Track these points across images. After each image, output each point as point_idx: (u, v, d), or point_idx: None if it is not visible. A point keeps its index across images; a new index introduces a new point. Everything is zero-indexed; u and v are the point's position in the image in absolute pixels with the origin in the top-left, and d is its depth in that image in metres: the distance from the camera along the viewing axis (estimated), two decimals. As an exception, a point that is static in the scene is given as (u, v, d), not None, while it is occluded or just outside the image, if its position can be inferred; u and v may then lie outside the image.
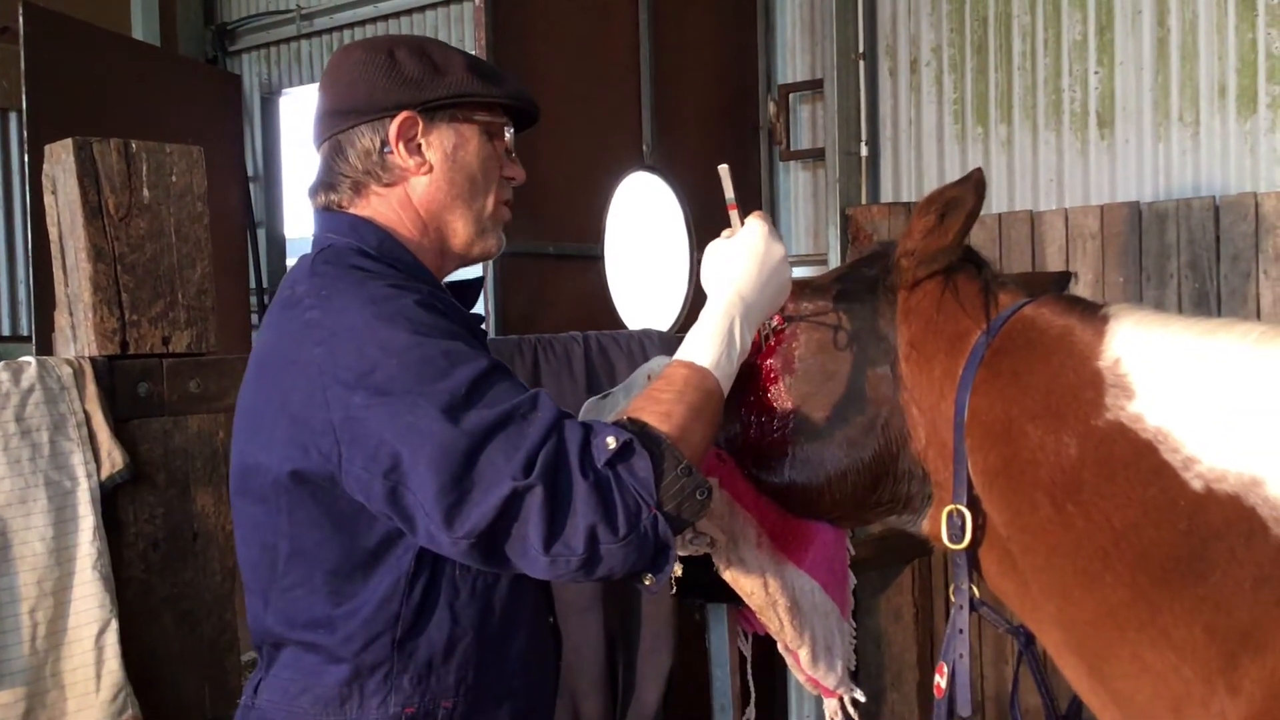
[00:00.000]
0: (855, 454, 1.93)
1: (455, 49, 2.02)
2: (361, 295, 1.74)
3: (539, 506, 1.58)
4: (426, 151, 1.92)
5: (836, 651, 2.17)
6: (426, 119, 1.91)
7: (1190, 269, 4.32)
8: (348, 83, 1.94)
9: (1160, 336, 1.68)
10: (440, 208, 1.95)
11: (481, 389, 1.65)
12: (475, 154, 1.96)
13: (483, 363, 1.68)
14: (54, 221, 2.70)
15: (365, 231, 1.90)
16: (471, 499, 1.60)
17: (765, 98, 5.38)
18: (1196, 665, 1.55)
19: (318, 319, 1.74)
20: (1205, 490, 1.57)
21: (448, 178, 1.94)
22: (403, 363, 1.64)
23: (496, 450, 1.60)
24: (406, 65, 1.93)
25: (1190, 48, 4.52)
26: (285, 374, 1.75)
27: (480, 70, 1.99)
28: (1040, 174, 4.89)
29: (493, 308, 3.87)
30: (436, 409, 1.61)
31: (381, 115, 1.90)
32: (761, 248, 1.89)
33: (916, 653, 4.78)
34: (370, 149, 1.91)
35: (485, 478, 1.59)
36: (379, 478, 1.64)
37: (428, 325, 1.70)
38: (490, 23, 3.85)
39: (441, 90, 1.92)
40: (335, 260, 1.84)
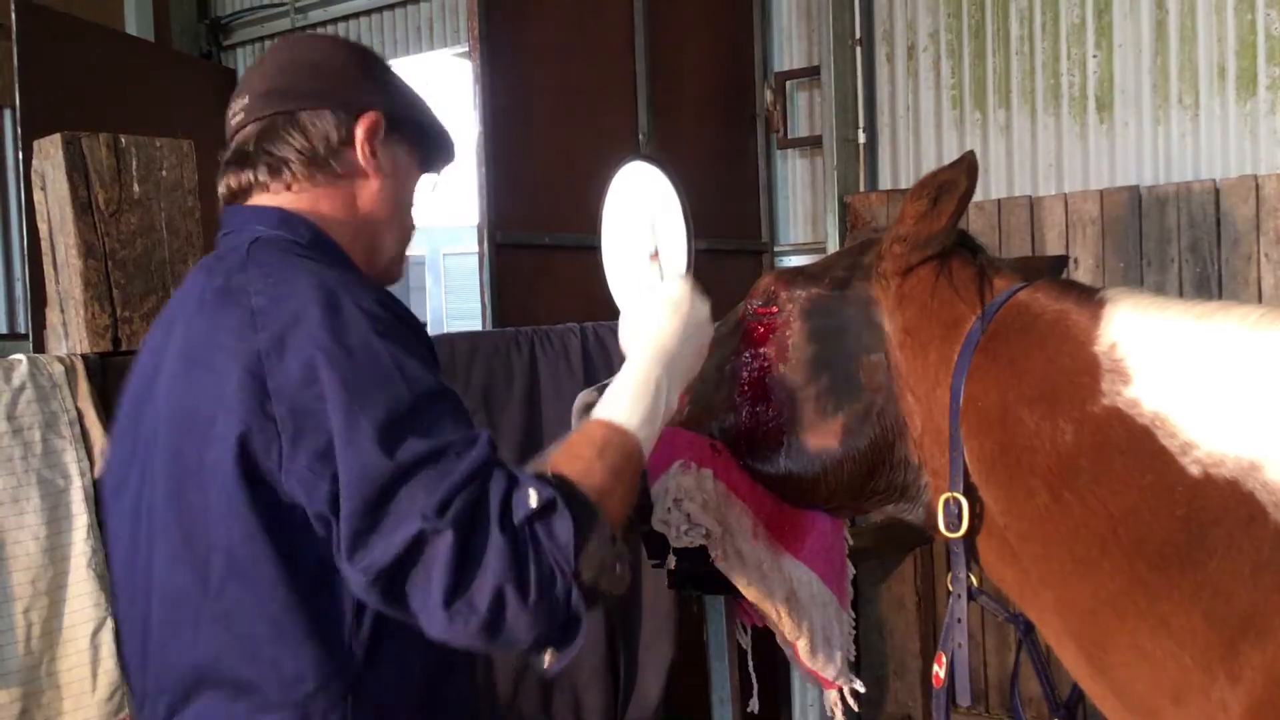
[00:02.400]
0: (851, 442, 1.92)
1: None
2: (314, 283, 1.62)
3: (446, 553, 1.46)
4: (381, 160, 1.85)
5: (835, 642, 2.15)
6: (389, 128, 1.85)
7: (1191, 253, 4.30)
8: (312, 64, 1.85)
9: (1157, 320, 1.67)
10: (378, 219, 1.87)
11: (423, 413, 1.55)
12: (409, 183, 1.92)
13: (431, 383, 1.58)
14: (44, 218, 2.69)
15: (297, 226, 1.79)
16: (380, 530, 1.49)
17: (762, 85, 5.36)
18: (1196, 653, 1.53)
19: (264, 306, 1.61)
20: (1203, 475, 1.55)
21: (392, 192, 1.88)
22: (354, 363, 1.54)
23: (419, 485, 1.49)
24: (378, 70, 1.89)
25: (1189, 30, 4.49)
26: (221, 364, 1.60)
27: (425, 107, 1.96)
28: (1039, 159, 4.86)
29: (489, 299, 3.85)
30: (373, 424, 1.51)
31: (351, 107, 1.82)
32: (686, 306, 1.86)
33: (919, 641, 4.77)
34: (330, 137, 1.81)
35: (398, 511, 1.48)
36: (326, 479, 1.51)
37: (384, 325, 1.60)
38: (484, 12, 3.83)
39: (414, 111, 1.89)
40: (274, 250, 1.73)
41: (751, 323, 2.04)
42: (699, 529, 1.96)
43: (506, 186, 3.89)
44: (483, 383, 3.37)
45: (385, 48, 6.80)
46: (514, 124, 3.95)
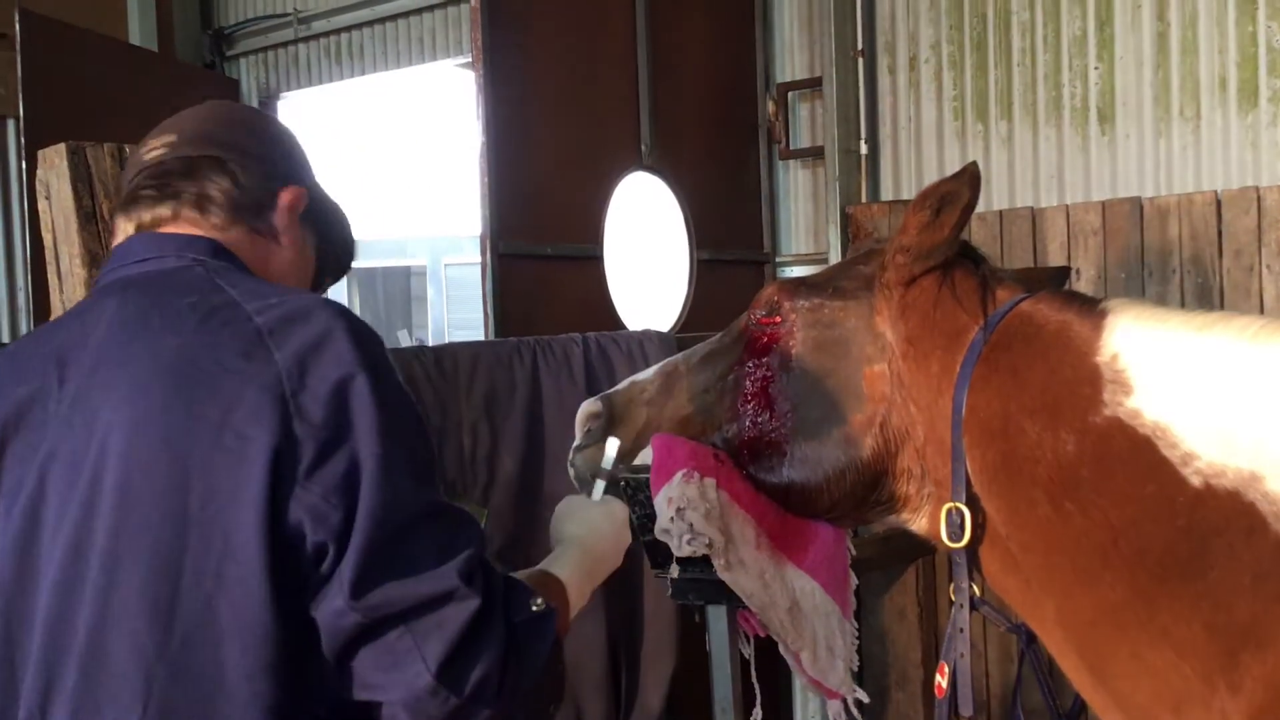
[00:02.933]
0: (853, 452, 1.92)
1: None
2: (323, 303, 1.57)
3: (463, 620, 1.42)
4: (296, 231, 1.83)
5: (838, 652, 2.16)
6: (305, 213, 1.84)
7: (1193, 264, 4.30)
8: (247, 126, 1.84)
9: (1158, 331, 1.67)
10: None
11: (430, 457, 1.55)
12: (306, 268, 1.89)
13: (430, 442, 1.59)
14: (48, 227, 2.69)
15: (234, 260, 1.72)
16: (395, 569, 1.42)
17: (764, 96, 5.36)
18: (1197, 663, 1.53)
19: (273, 325, 1.52)
20: (1204, 486, 1.56)
21: (299, 266, 1.85)
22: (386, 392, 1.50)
23: (436, 536, 1.46)
24: (306, 158, 1.90)
25: (1190, 42, 4.50)
26: (229, 387, 1.47)
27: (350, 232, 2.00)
28: (1041, 170, 4.87)
29: (491, 309, 3.85)
30: (407, 458, 1.47)
31: (278, 175, 1.81)
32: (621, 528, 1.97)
33: (921, 652, 4.76)
34: (259, 195, 1.77)
35: (418, 560, 1.43)
36: (340, 510, 1.42)
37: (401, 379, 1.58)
38: (486, 24, 3.84)
39: (330, 212, 1.91)
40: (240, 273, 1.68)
41: (754, 333, 2.05)
42: (702, 538, 1.96)
43: (509, 196, 3.90)
44: (485, 392, 3.37)
45: (388, 58, 6.82)
46: (516, 134, 3.96)
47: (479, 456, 3.32)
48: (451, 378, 3.30)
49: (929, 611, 4.74)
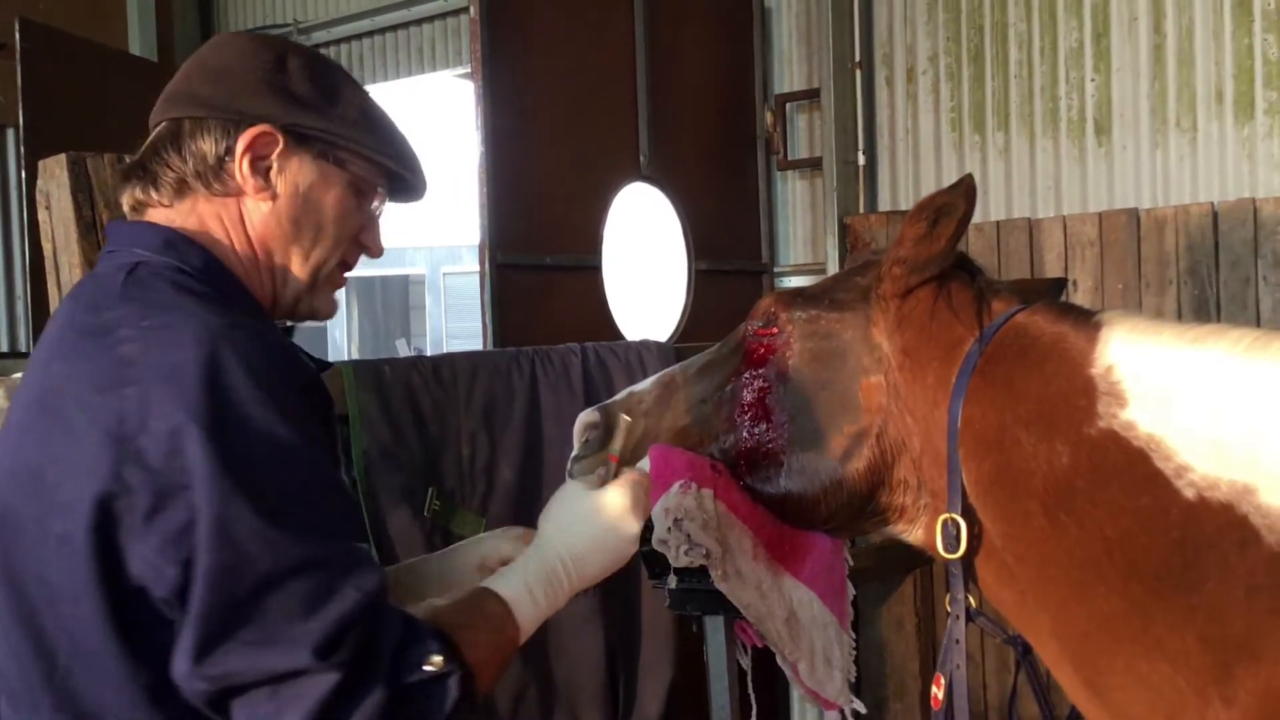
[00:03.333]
0: (850, 463, 1.92)
1: (360, 87, 1.78)
2: (196, 331, 1.42)
3: (321, 694, 1.32)
4: (275, 177, 1.65)
5: (836, 663, 2.16)
6: (292, 143, 1.65)
7: (1189, 275, 4.32)
8: (218, 70, 1.67)
9: (1153, 343, 1.68)
10: (276, 244, 1.67)
11: (311, 505, 1.40)
12: (334, 202, 1.70)
13: (324, 469, 1.43)
14: (48, 236, 2.70)
15: (187, 251, 1.60)
16: (241, 639, 1.32)
17: (762, 107, 5.38)
18: (1191, 676, 1.54)
19: (134, 355, 1.40)
20: (1198, 498, 1.56)
21: (291, 215, 1.67)
22: (232, 436, 1.36)
23: (297, 596, 1.34)
24: (294, 78, 1.67)
25: (1187, 54, 4.52)
26: (78, 422, 1.40)
27: (374, 120, 1.74)
28: (1038, 181, 4.88)
29: (490, 319, 3.86)
30: (251, 511, 1.33)
31: (238, 119, 1.63)
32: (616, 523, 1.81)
33: (919, 662, 4.76)
34: (207, 152, 1.63)
35: (269, 624, 1.32)
36: (175, 565, 1.33)
37: (275, 388, 1.42)
38: (486, 35, 3.85)
39: (322, 122, 1.67)
40: (156, 281, 1.53)
41: (751, 344, 2.05)
42: (699, 549, 1.96)
43: (508, 207, 3.91)
44: (484, 402, 3.37)
45: (388, 69, 6.83)
46: (515, 145, 3.97)
47: (477, 466, 3.33)
48: (450, 387, 3.31)
49: (926, 622, 4.74)
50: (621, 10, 4.54)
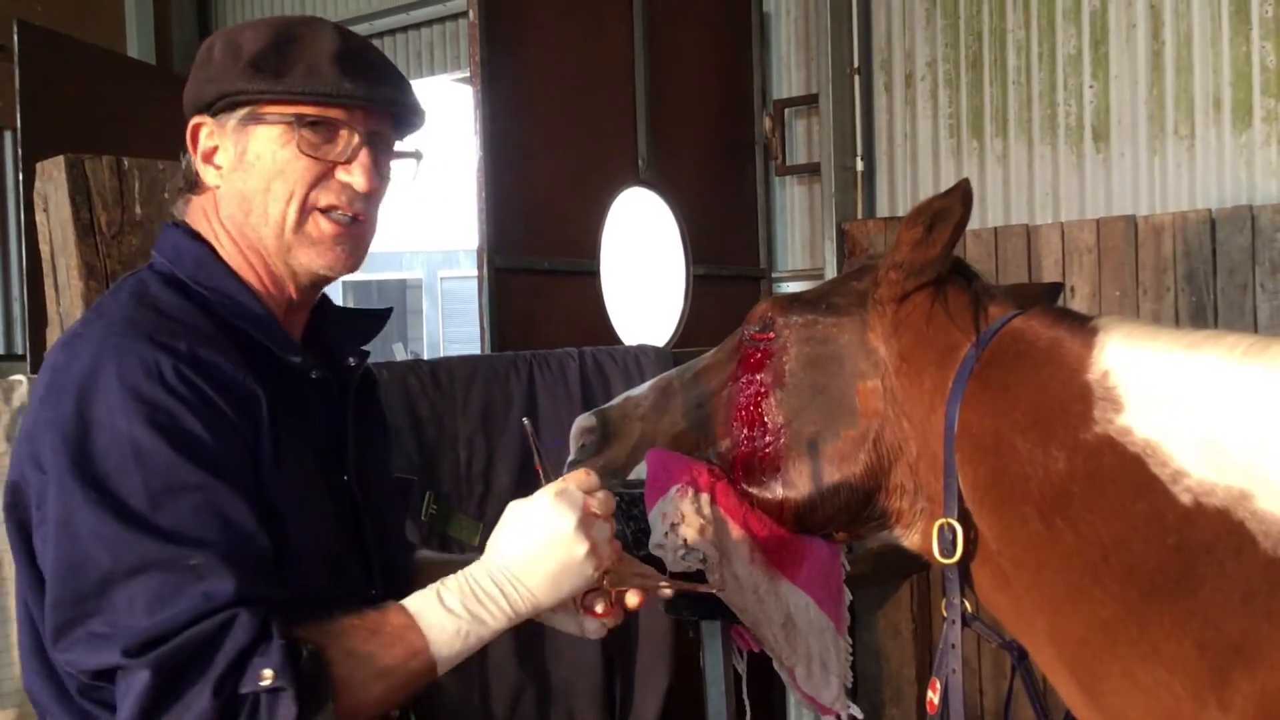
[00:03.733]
0: (847, 468, 1.92)
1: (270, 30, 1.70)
2: (95, 347, 1.51)
3: (138, 692, 1.35)
4: (217, 157, 1.71)
5: (832, 668, 2.16)
6: (216, 121, 1.69)
7: (1187, 282, 4.32)
8: (194, 72, 1.74)
9: (1149, 349, 1.68)
10: (239, 223, 1.71)
11: (164, 509, 1.43)
12: (270, 156, 1.67)
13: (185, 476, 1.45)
14: (46, 239, 2.69)
15: (185, 255, 1.69)
16: (88, 628, 1.40)
17: (760, 113, 5.39)
18: (1187, 681, 1.54)
19: (56, 362, 1.55)
20: (1194, 504, 1.56)
21: (236, 189, 1.69)
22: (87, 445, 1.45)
23: (140, 590, 1.39)
24: (214, 58, 1.69)
25: (1185, 61, 4.53)
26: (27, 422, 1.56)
27: (266, 60, 1.66)
28: (1036, 188, 4.89)
29: (488, 324, 3.86)
30: (95, 515, 1.41)
31: (191, 114, 1.72)
32: (545, 521, 1.61)
33: (915, 668, 4.76)
34: (187, 150, 1.74)
35: (110, 616, 1.39)
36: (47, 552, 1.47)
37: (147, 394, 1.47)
38: (484, 39, 3.85)
39: (222, 86, 1.66)
40: (125, 289, 1.65)
41: (748, 348, 2.05)
42: (696, 553, 1.97)
43: (506, 211, 3.91)
44: (481, 406, 3.37)
45: (386, 72, 6.83)
46: (514, 149, 3.97)
47: (475, 470, 3.33)
48: (448, 391, 3.31)
49: (923, 627, 4.74)
50: (620, 15, 4.54)
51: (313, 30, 1.71)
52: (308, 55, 1.67)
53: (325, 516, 1.68)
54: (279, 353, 1.68)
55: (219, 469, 1.48)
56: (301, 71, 1.66)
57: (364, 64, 1.70)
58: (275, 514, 1.56)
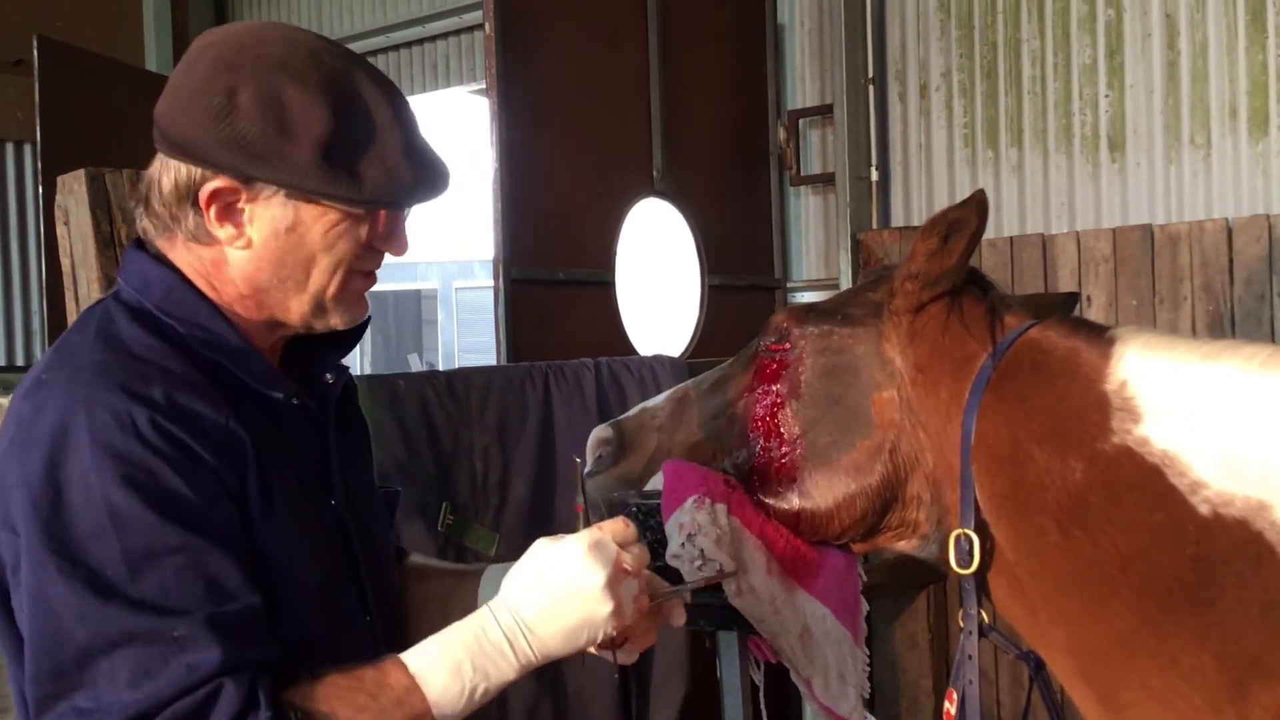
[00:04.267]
0: (863, 479, 1.92)
1: (325, 97, 1.53)
2: (63, 402, 1.42)
3: None
4: (249, 224, 1.56)
5: (850, 679, 2.15)
6: (249, 189, 1.54)
7: (1204, 291, 4.31)
8: (185, 101, 1.54)
9: (1167, 359, 1.67)
10: (263, 285, 1.60)
11: (142, 576, 1.36)
12: (319, 234, 1.57)
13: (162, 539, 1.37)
14: (66, 252, 2.71)
15: (153, 284, 1.57)
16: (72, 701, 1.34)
17: (775, 123, 5.40)
18: (1206, 693, 1.53)
19: (22, 411, 1.46)
20: (1212, 515, 1.56)
21: (275, 258, 1.58)
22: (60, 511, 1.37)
23: (124, 662, 1.33)
24: (245, 118, 1.51)
25: (1200, 70, 4.52)
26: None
27: (339, 152, 1.52)
28: (1051, 197, 4.88)
29: (503, 334, 3.88)
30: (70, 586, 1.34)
31: (201, 165, 1.53)
32: (572, 573, 1.52)
33: (932, 679, 4.75)
34: (182, 193, 1.56)
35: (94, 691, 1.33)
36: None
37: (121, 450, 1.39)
38: (500, 51, 3.87)
39: (276, 171, 1.52)
40: (90, 325, 1.55)
41: (764, 359, 2.05)
42: (713, 564, 1.97)
43: (521, 222, 3.93)
44: (497, 417, 3.38)
45: (402, 84, 6.86)
46: (529, 160, 3.99)
47: (491, 481, 3.34)
48: (464, 402, 3.32)
49: (940, 638, 4.73)
50: (635, 26, 4.56)
51: (363, 96, 1.57)
52: (378, 147, 1.56)
53: (317, 550, 1.61)
54: (258, 388, 1.59)
55: (201, 526, 1.41)
56: (380, 176, 1.55)
57: (421, 147, 1.62)
58: (266, 559, 1.50)
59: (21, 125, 6.11)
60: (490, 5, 3.87)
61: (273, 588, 1.49)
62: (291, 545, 1.55)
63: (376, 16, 6.85)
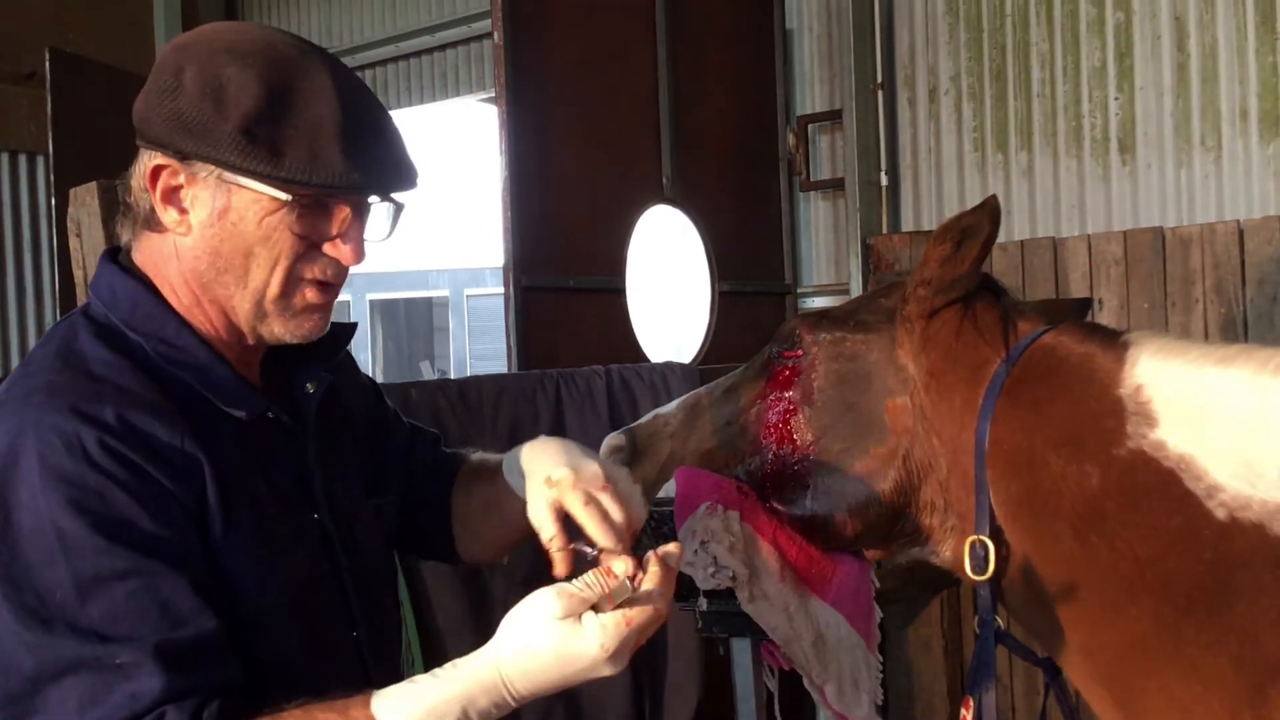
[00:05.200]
0: (876, 485, 1.92)
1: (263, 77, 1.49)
2: (13, 424, 1.40)
3: None
4: (190, 208, 1.52)
5: (863, 685, 2.15)
6: (186, 167, 1.49)
7: (1215, 293, 4.30)
8: (145, 89, 1.55)
9: (1182, 363, 1.67)
10: (207, 279, 1.54)
11: (90, 601, 1.33)
12: (254, 221, 1.50)
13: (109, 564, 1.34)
14: (79, 264, 2.72)
15: (120, 297, 1.54)
16: None
17: (784, 128, 5.40)
18: (1224, 697, 1.53)
19: None
20: (1229, 519, 1.55)
21: (210, 246, 1.52)
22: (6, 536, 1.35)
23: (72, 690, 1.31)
24: (185, 95, 1.48)
25: (1210, 72, 4.51)
26: None
27: (262, 127, 1.47)
28: (1062, 200, 4.88)
29: (514, 342, 3.88)
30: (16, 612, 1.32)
31: (149, 146, 1.52)
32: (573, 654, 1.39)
33: (946, 684, 4.74)
34: (140, 178, 1.54)
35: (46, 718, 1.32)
36: None
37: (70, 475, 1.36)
38: (509, 60, 3.88)
39: (208, 147, 1.47)
40: (52, 343, 1.51)
41: (777, 366, 2.05)
42: (726, 571, 1.97)
43: (532, 229, 3.93)
44: (509, 424, 3.39)
45: (411, 94, 6.89)
46: (539, 168, 3.99)
47: (502, 489, 3.33)
48: (476, 409, 3.32)
49: (954, 643, 4.72)
50: (644, 34, 4.56)
51: (309, 81, 1.51)
52: (307, 127, 1.49)
53: (293, 567, 1.56)
54: (223, 406, 1.54)
55: (153, 549, 1.38)
56: (303, 155, 1.47)
57: (367, 136, 1.54)
58: (233, 577, 1.47)
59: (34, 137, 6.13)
60: (499, 15, 3.88)
61: (242, 605, 1.46)
62: (262, 562, 1.51)
63: (386, 26, 6.87)
